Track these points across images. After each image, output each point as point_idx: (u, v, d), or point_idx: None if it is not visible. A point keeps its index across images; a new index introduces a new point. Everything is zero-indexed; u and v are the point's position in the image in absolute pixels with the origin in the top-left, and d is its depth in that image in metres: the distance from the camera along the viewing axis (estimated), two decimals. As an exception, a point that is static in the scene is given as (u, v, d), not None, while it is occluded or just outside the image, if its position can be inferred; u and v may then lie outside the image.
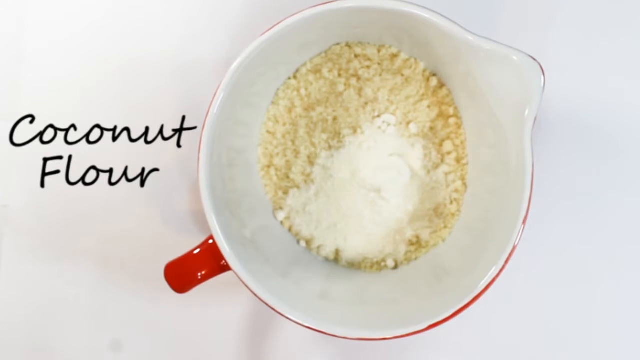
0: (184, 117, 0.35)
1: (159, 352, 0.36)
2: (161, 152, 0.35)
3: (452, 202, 0.33)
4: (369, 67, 0.34)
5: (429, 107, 0.33)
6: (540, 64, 0.28)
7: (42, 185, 0.36)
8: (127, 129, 0.36)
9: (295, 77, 0.34)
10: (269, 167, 0.34)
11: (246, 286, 0.29)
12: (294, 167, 0.34)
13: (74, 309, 0.36)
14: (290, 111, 0.34)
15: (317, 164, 0.34)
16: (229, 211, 0.31)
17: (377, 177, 0.33)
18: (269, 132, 0.34)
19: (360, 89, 0.34)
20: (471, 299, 0.28)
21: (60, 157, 0.36)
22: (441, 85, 0.33)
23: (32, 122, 0.36)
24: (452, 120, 0.33)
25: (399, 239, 0.33)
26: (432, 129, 0.33)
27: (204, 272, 0.30)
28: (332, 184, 0.33)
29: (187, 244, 0.31)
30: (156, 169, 0.35)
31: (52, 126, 0.36)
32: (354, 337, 0.29)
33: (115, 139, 0.36)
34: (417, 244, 0.34)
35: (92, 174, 0.36)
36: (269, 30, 0.29)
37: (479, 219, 0.32)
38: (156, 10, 0.36)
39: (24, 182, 0.36)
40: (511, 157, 0.29)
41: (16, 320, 0.36)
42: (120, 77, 0.36)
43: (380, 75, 0.33)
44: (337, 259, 0.34)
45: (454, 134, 0.33)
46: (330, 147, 0.34)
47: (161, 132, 0.36)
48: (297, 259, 0.34)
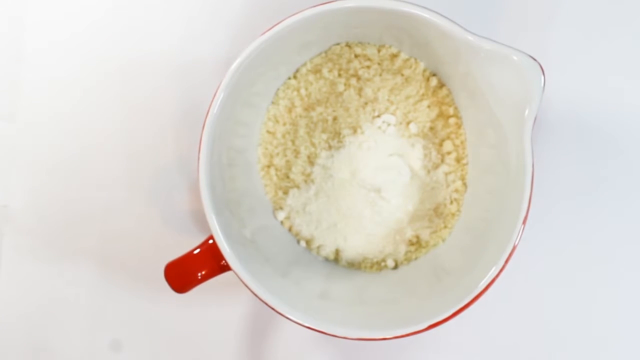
0: (184, 117, 0.35)
1: (159, 352, 0.36)
2: (161, 152, 0.35)
3: (452, 202, 0.33)
4: (369, 67, 0.34)
5: (429, 107, 0.33)
6: (540, 64, 0.28)
7: (42, 185, 0.36)
8: (127, 129, 0.36)
9: (295, 77, 0.34)
10: (269, 167, 0.34)
11: (246, 286, 0.29)
12: (294, 167, 0.34)
13: (74, 309, 0.36)
14: (290, 111, 0.34)
15: (317, 164, 0.34)
16: (229, 211, 0.31)
17: (377, 177, 0.33)
18: (269, 132, 0.34)
19: (360, 89, 0.34)
20: (471, 299, 0.28)
21: (59, 157, 0.36)
22: (441, 85, 0.33)
23: (32, 122, 0.36)
24: (452, 120, 0.33)
25: (399, 239, 0.33)
26: (432, 129, 0.33)
27: (204, 272, 0.30)
28: (332, 184, 0.33)
29: (187, 244, 0.31)
30: (156, 169, 0.35)
31: (52, 126, 0.36)
32: (354, 337, 0.29)
33: (115, 138, 0.36)
34: (417, 244, 0.34)
35: (92, 174, 0.36)
36: (269, 30, 0.29)
37: (479, 219, 0.32)
38: (156, 10, 0.36)
39: (24, 182, 0.36)
40: (511, 157, 0.29)
41: (16, 320, 0.36)
42: (120, 77, 0.36)
43: (380, 75, 0.34)
44: (337, 259, 0.34)
45: (454, 134, 0.33)
46: (330, 147, 0.34)
47: (161, 132, 0.35)
48: (297, 259, 0.34)
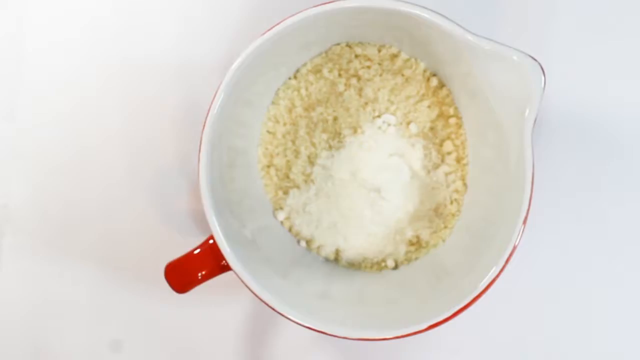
0: (184, 117, 0.35)
1: (159, 352, 0.36)
2: (161, 152, 0.35)
3: (452, 202, 0.33)
4: (369, 67, 0.34)
5: (429, 107, 0.33)
6: (540, 64, 0.27)
7: (42, 185, 0.36)
8: (127, 129, 0.36)
9: (295, 77, 0.34)
10: (269, 167, 0.34)
11: (246, 286, 0.29)
12: (294, 167, 0.34)
13: (74, 309, 0.36)
14: (290, 111, 0.34)
15: (317, 164, 0.34)
16: (229, 211, 0.31)
17: (377, 177, 0.33)
18: (269, 132, 0.34)
19: (360, 89, 0.34)
20: (471, 299, 0.28)
21: (59, 157, 0.36)
22: (441, 85, 0.33)
23: (32, 122, 0.36)
24: (453, 120, 0.33)
25: (399, 239, 0.33)
26: (432, 129, 0.33)
27: (204, 272, 0.30)
28: (332, 183, 0.33)
29: (187, 244, 0.31)
30: (156, 169, 0.35)
31: (52, 126, 0.36)
32: (354, 337, 0.29)
33: (115, 138, 0.36)
34: (417, 244, 0.34)
35: (92, 174, 0.36)
36: (269, 30, 0.29)
37: (479, 219, 0.32)
38: (156, 10, 0.36)
39: (24, 182, 0.36)
40: (511, 157, 0.29)
41: (16, 320, 0.36)
42: (120, 77, 0.36)
43: (380, 75, 0.33)
44: (337, 259, 0.34)
45: (454, 134, 0.33)
46: (330, 147, 0.34)
47: (161, 132, 0.35)
48: (297, 259, 0.34)
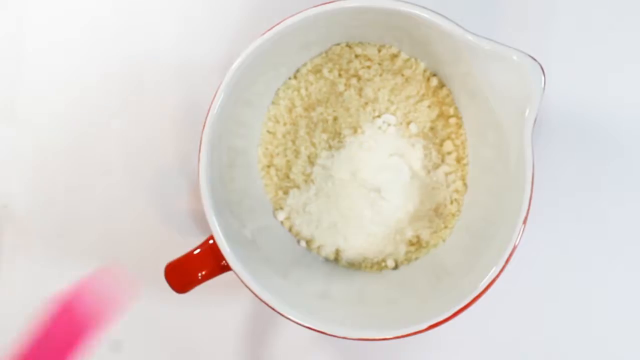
0: (184, 117, 0.35)
1: (159, 352, 0.36)
2: (161, 152, 0.35)
3: (452, 202, 0.33)
4: (369, 67, 0.34)
5: (429, 107, 0.33)
6: (540, 64, 0.27)
7: (42, 185, 0.36)
8: (127, 129, 0.36)
9: (295, 77, 0.34)
10: (269, 167, 0.34)
11: (246, 286, 0.29)
12: (294, 167, 0.34)
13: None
14: (290, 111, 0.34)
15: (317, 164, 0.34)
16: (229, 211, 0.31)
17: (377, 177, 0.33)
18: (269, 132, 0.34)
19: (360, 89, 0.34)
20: (471, 299, 0.28)
21: (59, 157, 0.36)
22: (441, 85, 0.33)
23: (32, 122, 0.36)
24: (453, 120, 0.33)
25: (399, 239, 0.33)
26: (432, 129, 0.33)
27: (204, 272, 0.30)
28: (333, 184, 0.33)
29: (187, 244, 0.31)
30: (156, 169, 0.35)
31: (52, 126, 0.36)
32: (354, 337, 0.29)
33: (115, 138, 0.36)
34: (417, 244, 0.34)
35: (92, 174, 0.36)
36: (269, 30, 0.29)
37: (479, 219, 0.32)
38: (156, 10, 0.36)
39: (24, 182, 0.36)
40: (511, 157, 0.29)
41: (16, 320, 0.36)
42: (120, 77, 0.36)
43: (380, 75, 0.33)
44: (337, 259, 0.34)
45: (454, 134, 0.33)
46: (330, 147, 0.34)
47: (161, 132, 0.35)
48: (297, 259, 0.34)
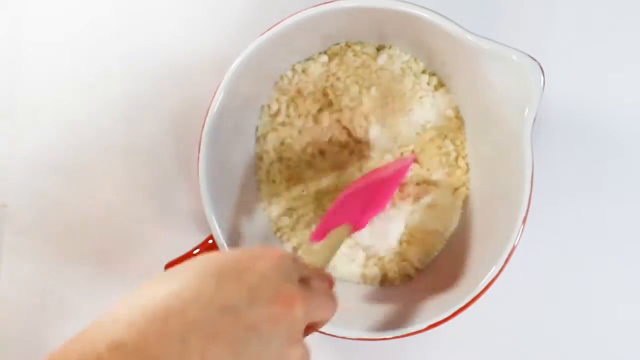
0: (184, 117, 0.35)
1: (159, 352, 0.36)
2: (161, 152, 0.35)
3: (452, 202, 0.33)
4: (368, 67, 0.33)
5: (429, 107, 0.33)
6: (540, 64, 0.28)
7: (42, 185, 0.36)
8: (127, 129, 0.36)
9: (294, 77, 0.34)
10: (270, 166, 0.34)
11: (246, 286, 0.29)
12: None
13: (73, 309, 0.36)
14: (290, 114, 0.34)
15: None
16: (229, 211, 0.31)
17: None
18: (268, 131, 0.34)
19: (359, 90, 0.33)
20: (471, 299, 0.28)
21: (59, 157, 0.36)
22: (441, 85, 0.33)
23: (32, 121, 0.36)
24: (453, 120, 0.33)
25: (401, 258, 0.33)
26: (432, 129, 0.33)
27: (204, 272, 0.30)
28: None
29: (187, 244, 0.31)
30: (156, 169, 0.35)
31: (51, 126, 0.36)
32: (354, 337, 0.29)
33: (115, 139, 0.36)
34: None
35: (92, 174, 0.36)
36: (268, 30, 0.29)
37: (480, 219, 0.32)
38: (156, 11, 0.36)
39: (24, 182, 0.36)
40: (511, 157, 0.29)
41: (16, 319, 0.36)
42: (120, 77, 0.36)
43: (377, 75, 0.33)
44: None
45: (454, 134, 0.33)
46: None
47: (161, 132, 0.35)
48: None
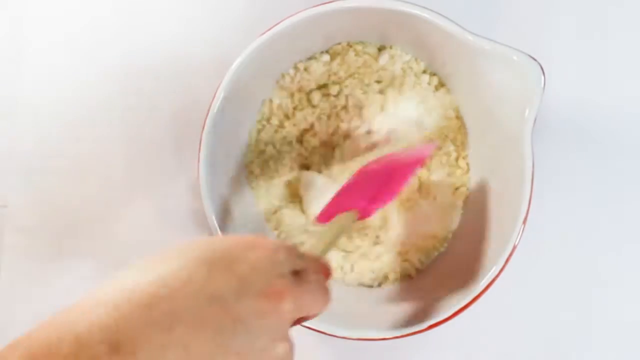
0: (184, 117, 0.35)
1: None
2: (161, 152, 0.35)
3: (453, 203, 0.33)
4: (369, 67, 0.33)
5: (429, 107, 0.33)
6: (540, 64, 0.28)
7: (42, 185, 0.36)
8: (127, 129, 0.36)
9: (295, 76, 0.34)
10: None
11: (246, 286, 0.29)
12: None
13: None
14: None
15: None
16: (229, 211, 0.31)
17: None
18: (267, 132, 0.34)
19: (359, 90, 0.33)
20: (471, 299, 0.28)
21: (59, 157, 0.36)
22: (441, 85, 0.33)
23: (32, 121, 0.36)
24: (453, 120, 0.33)
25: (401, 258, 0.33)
26: (432, 129, 0.33)
27: (204, 272, 0.30)
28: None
29: (187, 244, 0.31)
30: (156, 169, 0.35)
31: (51, 126, 0.36)
32: (354, 337, 0.29)
33: (115, 138, 0.36)
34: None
35: (92, 174, 0.36)
36: (268, 30, 0.29)
37: (480, 219, 0.32)
38: (156, 11, 0.36)
39: (23, 182, 0.36)
40: (511, 157, 0.29)
41: (16, 319, 0.36)
42: (120, 77, 0.36)
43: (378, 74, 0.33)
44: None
45: (454, 134, 0.33)
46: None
47: (161, 132, 0.35)
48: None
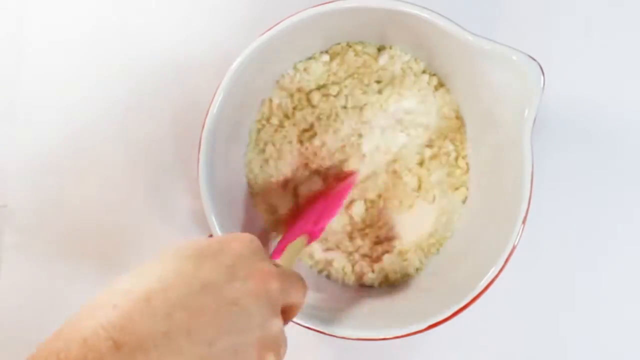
0: (184, 117, 0.35)
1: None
2: (161, 152, 0.35)
3: (452, 203, 0.33)
4: (369, 67, 0.33)
5: (429, 107, 0.33)
6: (540, 64, 0.28)
7: (42, 185, 0.36)
8: (127, 129, 0.36)
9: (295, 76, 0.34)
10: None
11: (246, 286, 0.29)
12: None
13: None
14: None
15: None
16: (229, 211, 0.31)
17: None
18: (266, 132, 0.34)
19: (359, 90, 0.33)
20: (471, 299, 0.28)
21: (59, 157, 0.36)
22: (441, 85, 0.33)
23: (32, 121, 0.36)
24: (453, 120, 0.33)
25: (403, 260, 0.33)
26: (432, 129, 0.33)
27: (204, 272, 0.30)
28: None
29: (187, 244, 0.31)
30: (156, 169, 0.35)
31: (51, 126, 0.36)
32: (354, 337, 0.29)
33: (115, 138, 0.36)
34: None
35: (92, 174, 0.36)
36: (268, 30, 0.29)
37: (480, 219, 0.32)
38: (156, 11, 0.36)
39: (24, 182, 0.36)
40: (511, 157, 0.29)
41: (16, 319, 0.36)
42: (120, 77, 0.36)
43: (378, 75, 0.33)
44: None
45: (454, 134, 0.33)
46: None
47: (161, 132, 0.35)
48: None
